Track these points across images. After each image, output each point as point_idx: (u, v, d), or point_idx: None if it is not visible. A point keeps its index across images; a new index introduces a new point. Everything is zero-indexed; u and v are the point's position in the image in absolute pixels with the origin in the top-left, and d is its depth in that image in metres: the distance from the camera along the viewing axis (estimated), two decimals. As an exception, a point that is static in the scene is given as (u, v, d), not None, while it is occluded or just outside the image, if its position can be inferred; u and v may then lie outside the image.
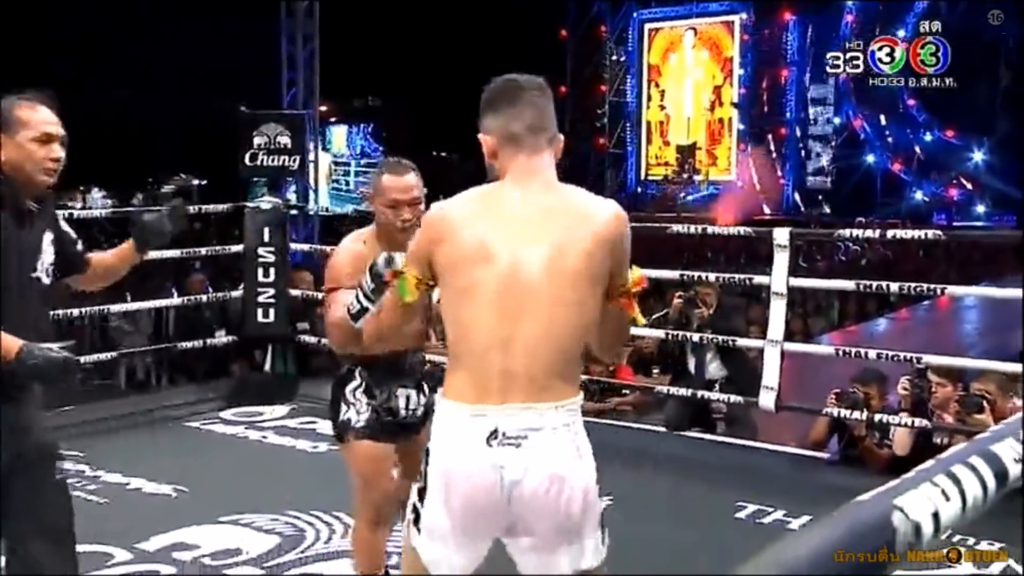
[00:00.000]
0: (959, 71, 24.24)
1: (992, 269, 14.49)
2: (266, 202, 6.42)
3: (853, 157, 27.62)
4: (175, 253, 6.90)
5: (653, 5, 30.94)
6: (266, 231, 6.22)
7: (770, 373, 4.96)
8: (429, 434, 2.12)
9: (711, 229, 6.15)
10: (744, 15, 29.26)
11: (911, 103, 26.53)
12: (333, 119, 32.31)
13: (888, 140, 27.34)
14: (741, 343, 5.48)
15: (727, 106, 29.79)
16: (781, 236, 4.94)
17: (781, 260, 4.92)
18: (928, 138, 26.73)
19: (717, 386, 5.60)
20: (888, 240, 13.36)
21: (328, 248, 5.43)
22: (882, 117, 27.21)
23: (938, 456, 0.98)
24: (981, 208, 25.76)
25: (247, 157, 6.48)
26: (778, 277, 4.92)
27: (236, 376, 6.90)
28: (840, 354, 5.41)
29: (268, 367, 6.50)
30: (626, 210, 2.18)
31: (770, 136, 28.89)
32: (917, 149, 26.89)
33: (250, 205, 6.39)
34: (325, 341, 6.39)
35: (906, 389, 4.71)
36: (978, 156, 25.95)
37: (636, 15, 31.02)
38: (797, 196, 28.33)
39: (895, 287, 5.58)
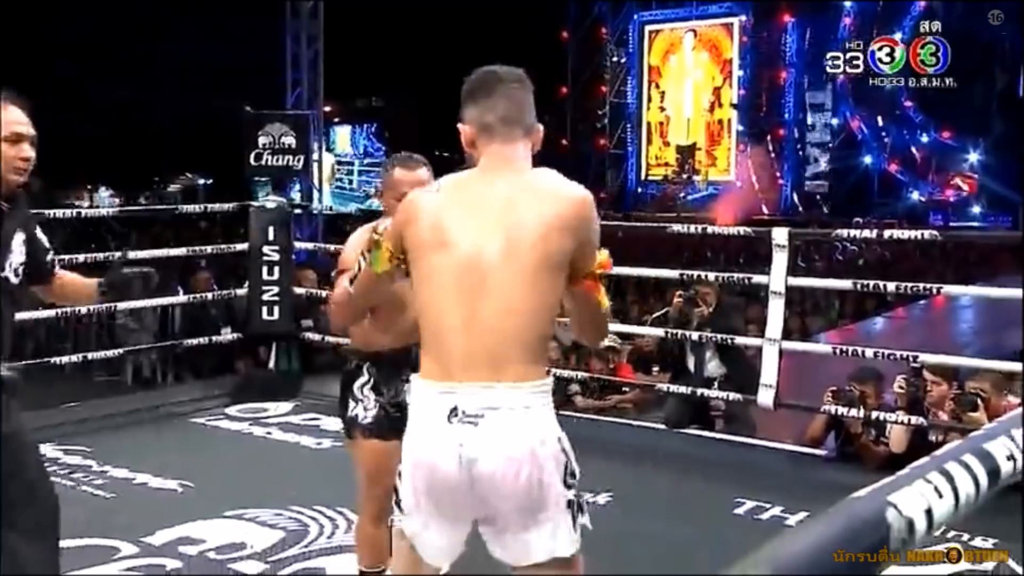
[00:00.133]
0: (959, 71, 24.25)
1: (987, 269, 14.51)
2: (271, 201, 6.43)
3: (851, 158, 27.66)
4: (181, 251, 6.93)
5: (653, 7, 30.99)
6: (271, 230, 6.23)
7: (768, 371, 4.96)
8: None
9: (711, 229, 6.15)
10: (743, 17, 29.32)
11: (908, 104, 26.57)
12: (337, 119, 32.29)
13: (885, 141, 27.37)
14: (740, 341, 5.48)
15: (726, 107, 29.83)
16: (780, 236, 4.95)
17: (780, 260, 4.92)
18: (925, 139, 26.78)
19: (716, 384, 5.60)
20: (885, 240, 13.38)
21: (332, 247, 5.47)
22: (879, 118, 27.24)
23: (932, 453, 0.99)
24: (977, 209, 25.83)
25: (252, 157, 6.50)
26: (777, 276, 4.94)
27: (241, 373, 6.92)
28: (837, 353, 5.41)
29: (272, 364, 6.52)
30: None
31: (769, 137, 28.95)
32: (914, 150, 26.94)
33: (255, 204, 6.40)
34: (329, 338, 6.48)
35: (902, 387, 4.73)
36: (974, 157, 26.01)
37: (637, 17, 31.08)
38: (795, 196, 28.38)
39: (892, 287, 5.59)
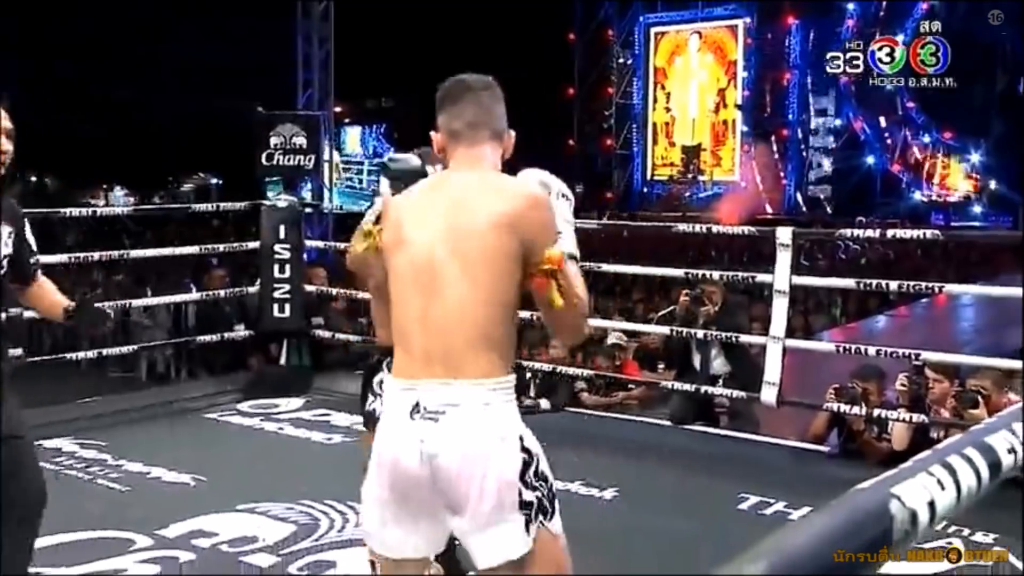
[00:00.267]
0: (959, 71, 24.21)
1: (988, 268, 14.52)
2: (282, 200, 6.47)
3: (853, 158, 27.69)
4: (194, 250, 7.00)
5: (659, 9, 31.04)
6: (282, 228, 6.28)
7: (772, 369, 4.99)
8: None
9: (715, 228, 6.20)
10: (748, 19, 29.38)
11: (910, 105, 26.59)
12: (347, 120, 32.39)
13: (887, 142, 27.40)
14: (744, 340, 5.49)
15: (731, 108, 29.91)
16: (784, 235, 4.98)
17: (784, 259, 4.96)
18: (927, 140, 26.81)
19: (720, 381, 5.61)
20: (888, 240, 13.44)
21: (342, 245, 5.51)
22: (882, 119, 27.28)
23: (934, 447, 1.02)
24: (978, 209, 25.86)
25: (264, 157, 6.53)
26: (781, 275, 4.97)
27: (253, 369, 6.95)
28: (840, 350, 5.41)
29: (284, 361, 6.55)
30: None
31: (773, 137, 29.00)
32: (916, 150, 26.98)
33: (266, 203, 6.44)
34: (339, 336, 6.56)
35: (904, 385, 4.76)
36: (975, 158, 26.05)
37: (642, 19, 31.16)
38: (799, 196, 28.43)
39: (894, 285, 5.62)
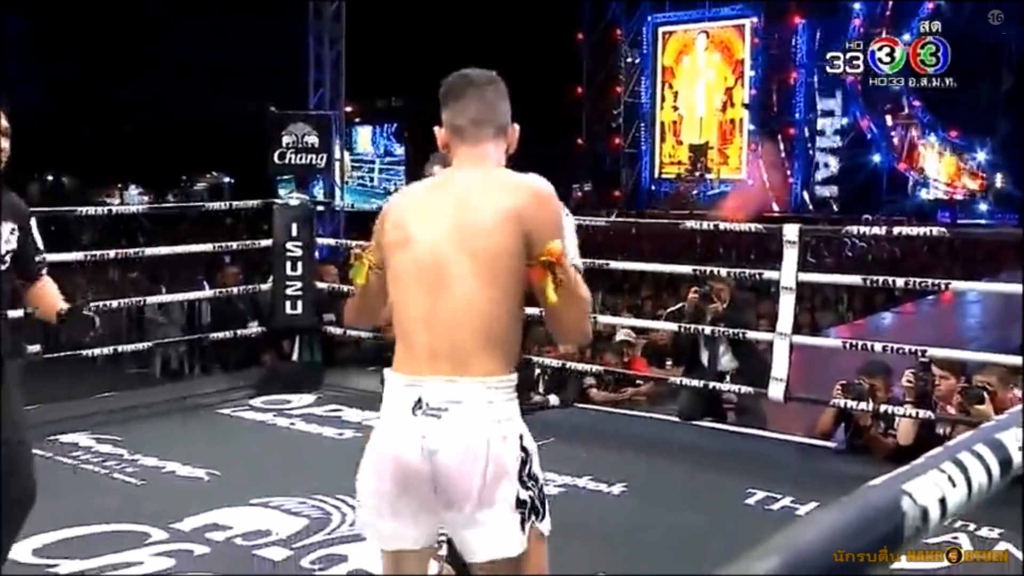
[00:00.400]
0: (959, 71, 24.15)
1: (994, 266, 14.48)
2: (294, 199, 6.51)
3: (860, 157, 27.74)
4: (207, 247, 7.07)
5: (667, 9, 31.12)
6: (294, 226, 6.33)
7: (779, 365, 5.03)
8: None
9: (723, 225, 6.23)
10: (755, 19, 29.46)
11: (916, 104, 26.60)
12: (358, 119, 32.50)
13: (894, 140, 27.41)
14: (751, 336, 5.52)
15: (738, 107, 29.98)
16: (791, 232, 5.01)
17: (790, 256, 4.99)
18: (933, 138, 26.81)
19: (728, 378, 5.62)
20: (894, 237, 13.49)
21: (353, 243, 5.56)
22: (888, 118, 27.28)
23: (945, 444, 1.02)
24: (984, 207, 25.89)
25: (276, 156, 6.57)
26: (788, 272, 5.01)
27: (266, 365, 6.99)
28: (847, 347, 5.46)
29: (296, 357, 6.61)
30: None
31: (779, 136, 29.06)
32: (922, 149, 26.98)
33: (279, 202, 6.50)
34: (351, 332, 6.61)
35: (910, 381, 4.77)
36: (981, 156, 26.04)
37: (650, 19, 31.26)
38: (805, 194, 28.50)
39: (900, 282, 5.63)
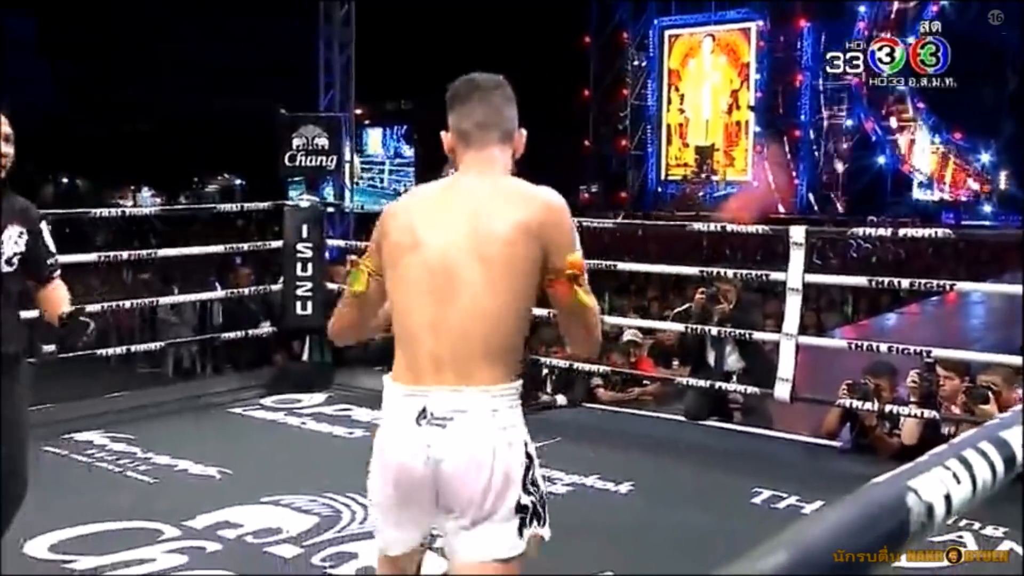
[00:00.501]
0: (960, 72, 24.16)
1: (998, 267, 14.50)
2: (304, 200, 6.56)
3: (864, 158, 27.78)
4: (218, 248, 7.10)
5: (673, 12, 31.19)
6: (304, 228, 6.35)
7: (785, 365, 5.04)
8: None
9: (729, 227, 6.27)
10: (760, 22, 29.53)
11: (920, 106, 26.62)
12: (368, 122, 32.65)
13: (898, 142, 27.42)
14: (758, 337, 5.53)
15: (744, 109, 30.05)
16: (797, 234, 5.03)
17: (797, 257, 5.01)
18: (937, 140, 26.82)
19: (734, 378, 5.64)
20: (899, 238, 13.48)
21: (363, 244, 5.61)
22: (892, 120, 27.30)
23: (950, 441, 1.02)
24: (988, 208, 25.91)
25: (286, 158, 6.62)
26: (794, 273, 5.02)
27: (276, 365, 7.03)
28: (852, 347, 5.47)
29: (306, 357, 6.67)
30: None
31: (785, 138, 29.09)
32: (926, 151, 27.00)
33: (289, 203, 6.54)
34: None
35: (915, 381, 4.80)
36: (985, 158, 26.05)
37: (657, 22, 31.34)
38: (811, 196, 28.54)
39: (905, 283, 5.64)
